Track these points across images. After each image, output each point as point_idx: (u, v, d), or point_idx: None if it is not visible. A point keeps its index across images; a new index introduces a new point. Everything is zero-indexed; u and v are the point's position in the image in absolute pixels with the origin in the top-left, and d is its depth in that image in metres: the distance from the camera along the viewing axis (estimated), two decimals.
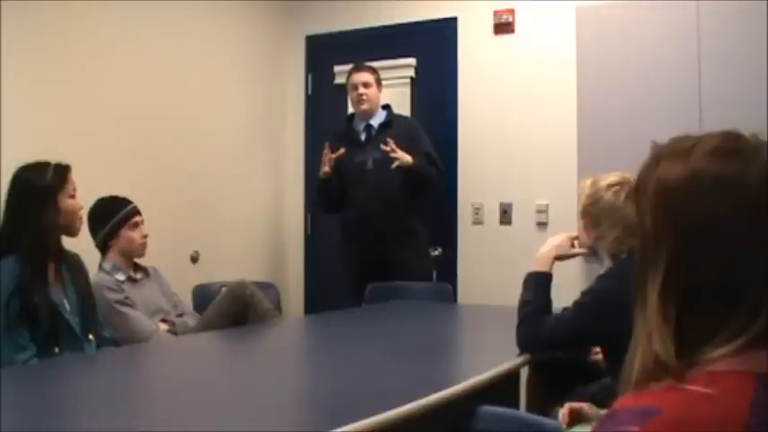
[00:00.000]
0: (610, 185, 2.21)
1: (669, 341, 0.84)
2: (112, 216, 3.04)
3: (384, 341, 2.65)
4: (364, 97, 4.11)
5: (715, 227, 0.83)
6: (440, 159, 4.09)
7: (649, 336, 0.85)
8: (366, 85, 4.12)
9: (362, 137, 4.15)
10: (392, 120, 4.17)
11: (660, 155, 0.90)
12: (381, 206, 3.99)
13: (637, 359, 0.86)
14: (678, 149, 0.88)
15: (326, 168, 4.01)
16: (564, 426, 1.82)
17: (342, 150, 4.00)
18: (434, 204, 4.34)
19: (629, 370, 0.87)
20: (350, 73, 4.21)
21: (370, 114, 4.16)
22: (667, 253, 0.85)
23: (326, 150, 4.02)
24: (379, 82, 4.18)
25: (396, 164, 3.91)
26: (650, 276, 0.87)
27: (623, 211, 2.13)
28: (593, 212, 2.24)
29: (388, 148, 3.90)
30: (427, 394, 1.73)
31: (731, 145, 0.87)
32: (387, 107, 4.23)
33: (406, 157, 3.92)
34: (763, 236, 0.82)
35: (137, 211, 3.11)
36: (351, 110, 4.36)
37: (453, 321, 3.47)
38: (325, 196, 4.18)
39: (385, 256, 3.96)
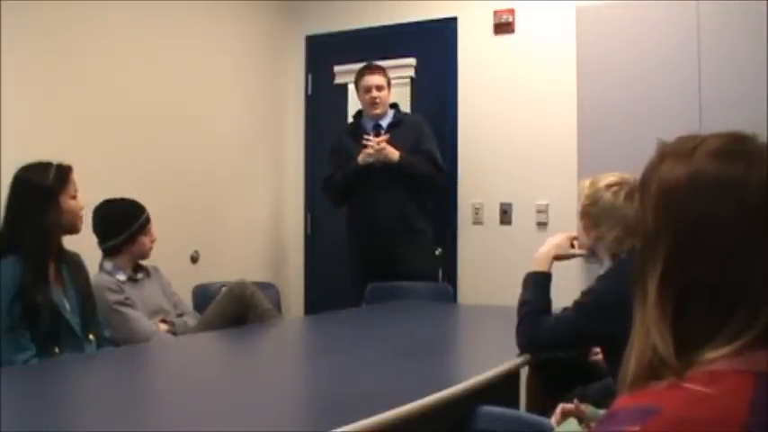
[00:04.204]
0: (609, 186, 2.20)
1: (667, 336, 0.84)
2: (130, 223, 3.00)
3: (384, 341, 2.65)
4: (377, 101, 4.09)
5: (714, 227, 0.83)
6: (440, 158, 4.08)
7: (647, 330, 0.85)
8: (379, 88, 4.09)
9: (371, 136, 4.09)
10: (400, 120, 4.15)
11: (665, 153, 0.90)
12: (387, 205, 3.98)
13: (634, 353, 0.86)
14: (682, 149, 0.89)
15: (370, 151, 3.95)
16: (555, 425, 1.81)
17: (386, 137, 3.99)
18: (434, 204, 4.33)
19: (626, 366, 0.87)
20: (361, 74, 4.15)
21: (380, 115, 4.15)
22: (666, 250, 0.86)
23: (378, 139, 3.97)
24: (389, 83, 4.17)
25: (367, 160, 3.93)
26: (649, 272, 0.87)
27: (623, 211, 2.13)
28: (593, 213, 2.23)
29: (372, 143, 3.92)
30: (427, 394, 1.73)
31: (735, 147, 0.87)
32: (394, 106, 4.22)
33: (391, 154, 3.93)
34: (763, 238, 0.82)
35: (149, 216, 3.08)
36: (354, 108, 4.36)
37: (453, 321, 3.47)
38: (350, 186, 4.08)
39: (390, 256, 3.96)
